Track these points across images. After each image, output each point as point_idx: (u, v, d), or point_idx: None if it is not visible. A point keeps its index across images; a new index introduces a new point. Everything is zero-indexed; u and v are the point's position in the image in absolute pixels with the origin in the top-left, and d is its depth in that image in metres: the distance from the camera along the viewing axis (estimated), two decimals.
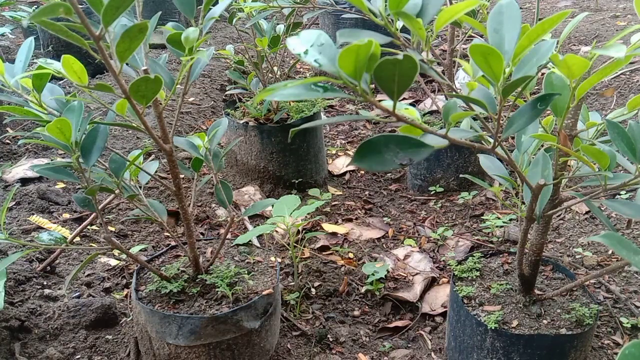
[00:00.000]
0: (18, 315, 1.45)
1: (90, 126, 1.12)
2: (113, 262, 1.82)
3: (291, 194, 2.28)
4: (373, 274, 1.80)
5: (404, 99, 3.23)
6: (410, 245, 2.03)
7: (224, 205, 1.37)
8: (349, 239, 2.08)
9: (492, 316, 1.27)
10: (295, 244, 1.86)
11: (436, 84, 3.26)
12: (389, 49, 0.65)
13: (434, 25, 0.75)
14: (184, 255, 1.49)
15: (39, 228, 1.83)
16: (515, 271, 1.41)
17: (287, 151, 2.30)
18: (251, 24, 2.14)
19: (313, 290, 1.81)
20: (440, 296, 1.79)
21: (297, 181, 2.35)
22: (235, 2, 2.04)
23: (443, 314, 1.72)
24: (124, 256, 1.84)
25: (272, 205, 1.78)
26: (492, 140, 0.84)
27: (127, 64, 1.14)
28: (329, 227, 2.11)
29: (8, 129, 2.59)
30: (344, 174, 2.59)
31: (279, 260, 1.63)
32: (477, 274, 1.43)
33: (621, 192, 2.02)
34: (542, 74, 2.31)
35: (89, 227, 1.87)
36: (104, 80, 3.23)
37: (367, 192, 2.45)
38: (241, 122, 2.30)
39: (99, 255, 1.83)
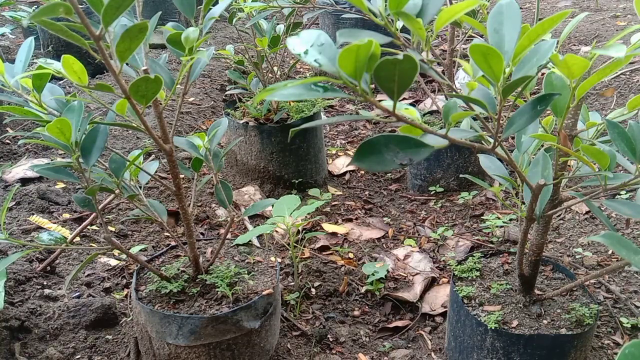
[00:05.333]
0: (18, 315, 1.45)
1: (90, 126, 1.12)
2: (113, 262, 1.82)
3: (291, 194, 2.28)
4: (373, 274, 1.80)
5: (404, 99, 3.23)
6: (410, 245, 2.03)
7: (224, 205, 1.37)
8: (349, 239, 2.08)
9: (492, 316, 1.27)
10: (295, 244, 1.86)
11: (436, 84, 3.26)
12: (389, 49, 0.65)
13: (434, 25, 0.75)
14: (184, 255, 1.49)
15: (39, 228, 1.83)
16: (515, 271, 1.41)
17: (287, 151, 2.30)
18: (251, 24, 2.14)
19: (313, 290, 1.81)
20: (440, 296, 1.79)
21: (297, 181, 2.35)
22: (235, 2, 2.04)
23: (443, 314, 1.72)
24: (124, 256, 1.84)
25: (272, 205, 1.78)
26: (492, 140, 0.84)
27: (127, 64, 1.14)
28: (329, 227, 2.11)
29: (8, 129, 2.59)
30: (344, 174, 2.59)
31: (279, 260, 1.63)
32: (477, 274, 1.43)
33: (621, 192, 2.02)
34: (542, 74, 2.31)
35: (89, 227, 1.87)
36: (104, 80, 3.23)
37: (367, 192, 2.45)
38: (241, 122, 2.30)
39: (99, 255, 1.83)
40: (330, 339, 1.63)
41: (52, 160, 2.29)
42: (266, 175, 2.36)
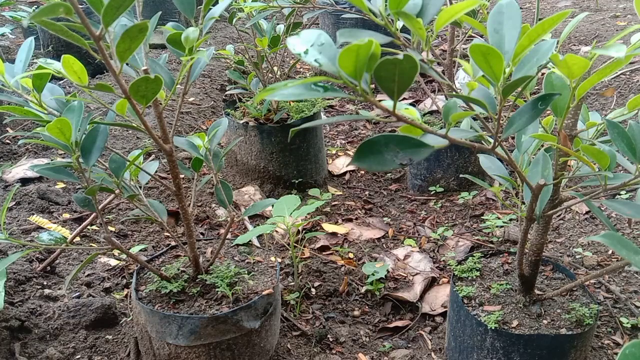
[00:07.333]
0: (18, 315, 1.45)
1: (90, 126, 1.12)
2: (113, 262, 1.82)
3: (291, 194, 2.28)
4: (373, 274, 1.80)
5: (404, 99, 3.23)
6: (410, 245, 2.03)
7: (224, 205, 1.37)
8: (349, 239, 2.08)
9: (492, 316, 1.27)
10: (295, 244, 1.86)
11: (436, 84, 3.26)
12: (389, 49, 0.65)
13: (434, 25, 0.75)
14: (184, 255, 1.49)
15: (39, 228, 1.83)
16: (515, 271, 1.41)
17: (287, 151, 2.30)
18: (251, 24, 2.14)
19: (313, 290, 1.81)
20: (440, 296, 1.79)
21: (297, 181, 2.35)
22: (235, 2, 2.04)
23: (443, 314, 1.72)
24: (124, 256, 1.84)
25: (272, 205, 1.78)
26: (492, 140, 0.84)
27: (127, 64, 1.14)
28: (329, 227, 2.11)
29: (8, 129, 2.59)
30: (344, 174, 2.59)
31: (279, 260, 1.63)
32: (477, 274, 1.43)
33: (621, 192, 2.02)
34: (542, 74, 2.31)
35: (89, 227, 1.87)
36: (104, 80, 3.23)
37: (367, 192, 2.45)
38: (241, 122, 2.30)
39: (99, 255, 1.83)
40: (330, 339, 1.63)
41: (52, 160, 2.29)
42: (266, 175, 2.36)
